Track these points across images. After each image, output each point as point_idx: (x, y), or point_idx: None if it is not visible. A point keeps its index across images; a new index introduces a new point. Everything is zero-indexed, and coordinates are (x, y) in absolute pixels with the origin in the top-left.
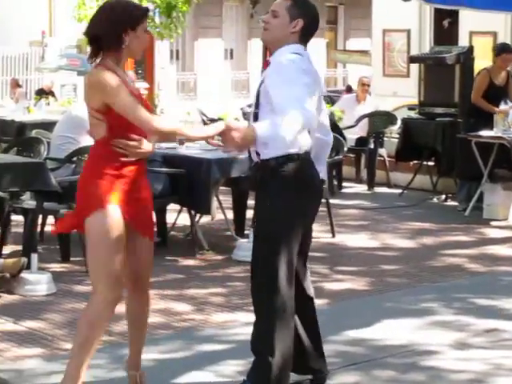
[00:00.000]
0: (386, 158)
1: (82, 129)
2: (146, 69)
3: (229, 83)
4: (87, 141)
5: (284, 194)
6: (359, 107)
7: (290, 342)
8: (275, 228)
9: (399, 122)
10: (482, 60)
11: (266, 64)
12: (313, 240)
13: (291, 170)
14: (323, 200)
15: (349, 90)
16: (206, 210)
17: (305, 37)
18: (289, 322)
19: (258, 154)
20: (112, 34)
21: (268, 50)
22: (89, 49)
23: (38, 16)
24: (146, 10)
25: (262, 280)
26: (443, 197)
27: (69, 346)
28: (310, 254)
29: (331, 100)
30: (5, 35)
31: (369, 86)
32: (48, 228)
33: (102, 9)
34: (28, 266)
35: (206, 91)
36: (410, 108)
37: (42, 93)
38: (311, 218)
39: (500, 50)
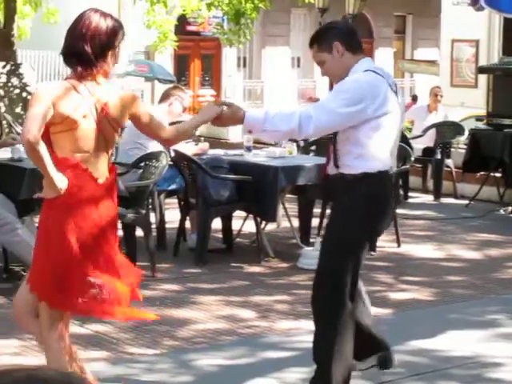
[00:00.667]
0: (453, 169)
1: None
2: (212, 76)
3: (295, 91)
4: (155, 146)
5: (357, 210)
6: (430, 117)
7: (351, 353)
8: (346, 241)
9: (466, 133)
10: None
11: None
12: (378, 249)
13: (368, 186)
14: None
15: (414, 99)
16: (272, 218)
17: (356, 48)
18: (350, 332)
19: (336, 166)
20: (91, 54)
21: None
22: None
23: None
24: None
25: (328, 292)
26: (510, 208)
27: (134, 349)
28: (376, 263)
29: None
30: None
31: (441, 96)
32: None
33: (80, 25)
34: None
35: (273, 99)
36: (478, 119)
37: None
38: (379, 235)
39: None
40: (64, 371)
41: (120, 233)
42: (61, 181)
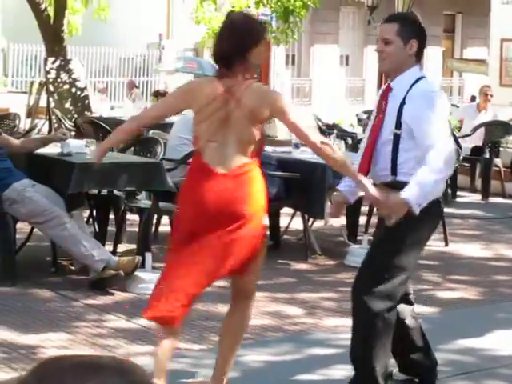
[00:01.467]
0: (502, 168)
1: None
2: (261, 73)
3: (344, 89)
4: None
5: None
6: (480, 116)
7: (389, 352)
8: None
9: None
10: None
11: (388, 89)
12: (426, 248)
13: None
14: None
15: (473, 100)
16: (320, 215)
17: (420, 56)
18: (391, 333)
19: (394, 174)
20: (238, 53)
21: (386, 76)
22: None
23: (156, 18)
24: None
25: (377, 290)
26: None
27: (181, 344)
28: (423, 261)
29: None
30: (123, 37)
31: (491, 95)
32: (163, 228)
33: (226, 27)
34: (142, 265)
35: (321, 97)
36: None
37: (158, 94)
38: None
39: None
40: (118, 359)
41: (167, 228)
42: None
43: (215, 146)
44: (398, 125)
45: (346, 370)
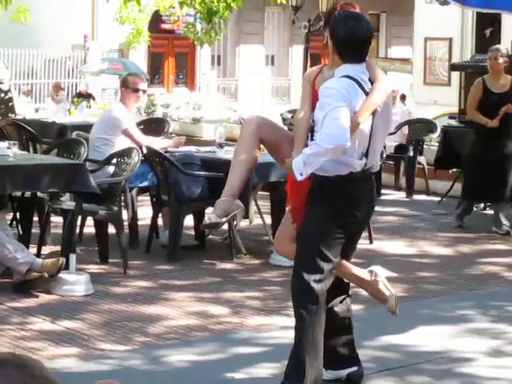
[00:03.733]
0: (426, 166)
1: (118, 129)
2: (187, 74)
3: (269, 89)
4: (122, 141)
5: (327, 208)
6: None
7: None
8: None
9: (439, 130)
10: None
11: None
12: None
13: (332, 189)
14: None
15: (403, 98)
16: (245, 214)
17: (345, 55)
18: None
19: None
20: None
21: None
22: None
23: (81, 19)
24: None
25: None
26: (482, 205)
27: (105, 346)
28: None
29: None
30: (48, 39)
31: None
32: (87, 229)
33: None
34: (66, 267)
35: (247, 97)
36: (451, 117)
37: (80, 96)
38: (351, 232)
39: None
40: (18, 354)
41: (92, 229)
42: None
43: None
44: (312, 120)
45: (270, 369)
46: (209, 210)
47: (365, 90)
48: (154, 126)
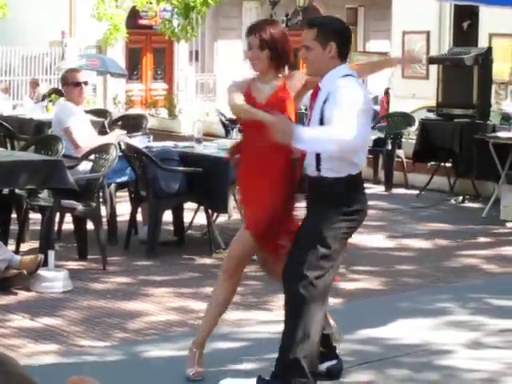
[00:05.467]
0: (404, 159)
1: (60, 128)
2: (165, 70)
3: None
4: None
5: (335, 211)
6: None
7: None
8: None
9: (417, 123)
10: (501, 62)
11: (316, 89)
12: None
13: (344, 188)
14: None
15: (387, 93)
16: (223, 209)
17: (343, 54)
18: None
19: (318, 170)
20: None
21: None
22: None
23: (59, 16)
24: None
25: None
26: (460, 198)
27: (84, 342)
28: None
29: None
30: (25, 35)
31: None
32: (65, 226)
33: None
34: (45, 264)
35: (226, 93)
36: (429, 110)
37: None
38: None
39: None
40: None
41: (70, 226)
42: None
43: None
44: (321, 122)
45: (250, 363)
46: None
47: None
48: (132, 121)
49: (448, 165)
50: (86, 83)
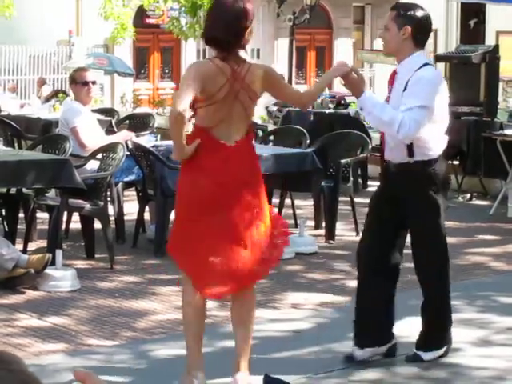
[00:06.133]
0: None
1: (67, 128)
2: (172, 69)
3: None
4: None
5: (432, 191)
6: None
7: None
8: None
9: None
10: (509, 60)
11: (394, 73)
12: (337, 238)
13: (436, 169)
14: (347, 198)
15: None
16: None
17: (419, 41)
18: None
19: (410, 155)
20: (225, 39)
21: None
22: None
23: (66, 15)
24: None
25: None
26: (468, 196)
27: (92, 341)
28: (334, 251)
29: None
30: (32, 35)
31: None
32: (73, 225)
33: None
34: (53, 263)
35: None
36: None
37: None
38: None
39: None
40: None
41: (78, 225)
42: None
43: (225, 123)
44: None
45: (258, 361)
46: None
47: None
48: (139, 120)
49: (456, 162)
50: (94, 82)
